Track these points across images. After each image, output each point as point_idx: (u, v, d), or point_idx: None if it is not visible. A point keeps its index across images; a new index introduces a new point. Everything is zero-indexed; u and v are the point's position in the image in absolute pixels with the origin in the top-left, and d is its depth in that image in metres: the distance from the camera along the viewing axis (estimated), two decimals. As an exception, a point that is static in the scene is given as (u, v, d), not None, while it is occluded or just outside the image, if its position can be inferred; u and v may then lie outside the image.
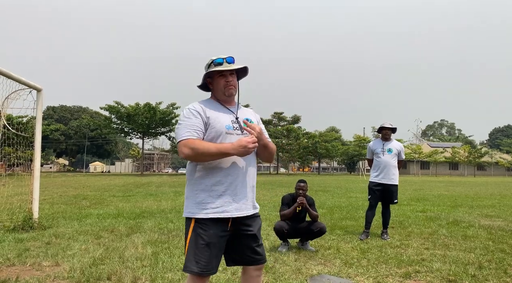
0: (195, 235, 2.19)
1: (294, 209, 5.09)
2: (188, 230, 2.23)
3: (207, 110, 2.28)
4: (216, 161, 2.20)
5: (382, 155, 6.11)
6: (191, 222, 2.22)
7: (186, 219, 2.28)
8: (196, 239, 2.19)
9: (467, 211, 9.66)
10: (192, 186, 2.26)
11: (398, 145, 6.21)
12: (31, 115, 7.24)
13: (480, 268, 4.23)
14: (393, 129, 6.23)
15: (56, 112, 77.03)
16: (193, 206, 2.23)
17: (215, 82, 2.36)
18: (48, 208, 9.60)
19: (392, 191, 6.07)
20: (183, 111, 2.29)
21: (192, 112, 2.26)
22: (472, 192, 17.94)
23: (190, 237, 2.21)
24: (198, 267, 2.15)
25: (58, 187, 19.03)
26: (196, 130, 2.20)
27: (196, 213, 2.20)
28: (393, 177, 6.07)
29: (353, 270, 4.17)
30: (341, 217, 8.36)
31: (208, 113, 2.27)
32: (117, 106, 49.27)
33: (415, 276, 3.99)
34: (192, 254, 2.18)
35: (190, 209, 2.24)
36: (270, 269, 4.14)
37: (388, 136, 6.21)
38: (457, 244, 5.55)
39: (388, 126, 6.18)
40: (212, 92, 2.42)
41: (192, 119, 2.23)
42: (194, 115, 2.24)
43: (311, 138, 63.34)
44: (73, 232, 6.25)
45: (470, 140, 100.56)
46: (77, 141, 71.96)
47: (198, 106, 2.29)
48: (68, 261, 4.42)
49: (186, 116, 2.25)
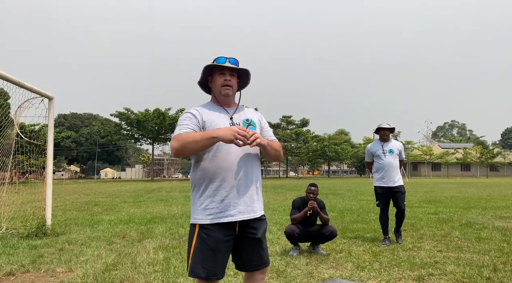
0: (199, 240, 2.19)
1: (305, 213, 5.08)
2: (192, 236, 2.23)
3: (204, 114, 2.28)
4: (217, 166, 2.19)
5: (384, 157, 5.88)
6: (195, 228, 2.23)
7: (191, 225, 2.30)
8: (201, 244, 2.19)
9: (481, 213, 9.52)
10: (195, 192, 2.27)
11: (398, 144, 6.04)
12: (43, 123, 7.38)
13: (495, 271, 4.17)
14: (391, 129, 6.02)
15: (67, 119, 78.04)
16: (197, 212, 2.23)
17: (214, 80, 2.35)
18: (60, 214, 9.71)
19: (400, 193, 5.82)
20: (180, 117, 2.32)
21: (187, 115, 2.28)
22: (485, 193, 17.68)
23: (195, 243, 2.20)
24: (205, 272, 2.15)
25: (70, 194, 19.24)
26: (187, 128, 2.20)
27: (201, 219, 2.20)
28: (398, 178, 5.88)
29: (365, 273, 4.14)
30: (352, 220, 8.30)
31: (205, 116, 2.27)
32: (127, 113, 49.72)
33: (428, 279, 3.95)
34: (199, 259, 2.18)
35: (195, 215, 2.24)
36: (282, 273, 4.13)
37: (387, 136, 6.00)
38: (471, 246, 5.48)
39: (385, 126, 5.97)
40: (212, 92, 2.42)
41: (186, 121, 2.25)
42: (189, 118, 2.26)
43: (320, 141, 63.12)
44: (85, 238, 6.31)
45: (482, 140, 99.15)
46: (88, 148, 72.72)
47: (194, 110, 2.31)
48: (81, 267, 4.47)
49: (181, 119, 2.28)
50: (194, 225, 2.23)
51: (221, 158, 2.20)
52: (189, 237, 2.26)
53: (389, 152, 5.89)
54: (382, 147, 5.95)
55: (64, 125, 75.52)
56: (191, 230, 2.26)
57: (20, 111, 6.86)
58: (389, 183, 5.82)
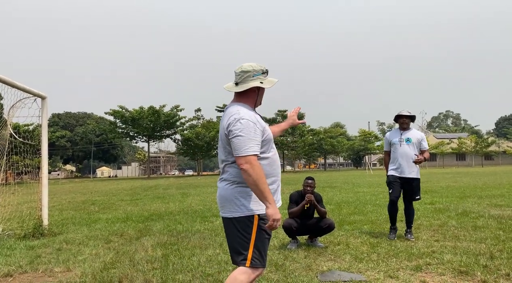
0: (260, 230, 2.30)
1: (302, 206, 5.09)
2: (252, 227, 2.29)
3: (261, 122, 2.40)
4: (276, 163, 2.44)
5: (400, 146, 5.53)
6: (253, 219, 2.29)
7: (243, 218, 2.31)
8: (262, 234, 2.31)
9: (476, 202, 9.59)
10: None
11: (418, 134, 5.63)
12: (37, 123, 7.33)
13: (491, 258, 4.21)
14: (412, 117, 5.63)
15: (61, 119, 77.51)
16: (254, 203, 2.30)
17: (262, 91, 2.51)
18: (57, 214, 9.68)
19: (413, 185, 5.51)
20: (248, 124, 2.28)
21: (255, 128, 2.31)
22: (480, 182, 17.81)
23: (256, 234, 2.29)
24: (265, 261, 2.35)
25: (67, 194, 19.17)
26: (258, 146, 2.31)
27: (259, 210, 2.29)
28: (413, 169, 5.50)
29: (363, 265, 4.16)
30: (349, 212, 8.34)
31: (262, 124, 2.40)
32: (122, 111, 49.48)
33: (426, 268, 3.97)
34: (262, 248, 2.32)
35: (253, 206, 2.30)
36: (280, 267, 4.14)
37: (406, 125, 5.59)
38: (467, 235, 5.52)
39: (406, 114, 5.60)
40: (250, 98, 2.47)
41: (258, 136, 2.30)
42: (258, 131, 2.33)
43: (316, 134, 63.26)
44: (83, 237, 6.29)
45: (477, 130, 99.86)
46: (83, 147, 72.38)
47: (255, 119, 2.35)
48: (80, 266, 4.45)
49: (252, 130, 2.28)
50: (252, 216, 2.29)
51: (276, 157, 2.47)
52: (246, 228, 2.30)
53: (406, 141, 5.53)
54: (400, 136, 5.59)
55: (59, 124, 75.02)
56: (248, 221, 2.30)
57: (13, 111, 6.80)
58: (404, 174, 5.49)
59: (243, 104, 2.41)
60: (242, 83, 2.40)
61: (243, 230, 2.29)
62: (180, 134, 55.28)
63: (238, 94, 2.45)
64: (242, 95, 2.44)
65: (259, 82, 2.39)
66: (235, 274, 2.28)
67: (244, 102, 2.42)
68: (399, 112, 5.67)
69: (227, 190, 2.34)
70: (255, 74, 2.40)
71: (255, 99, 2.47)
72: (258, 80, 2.40)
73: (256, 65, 2.42)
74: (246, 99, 2.44)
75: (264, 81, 2.42)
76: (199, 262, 4.42)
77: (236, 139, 2.23)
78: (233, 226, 2.32)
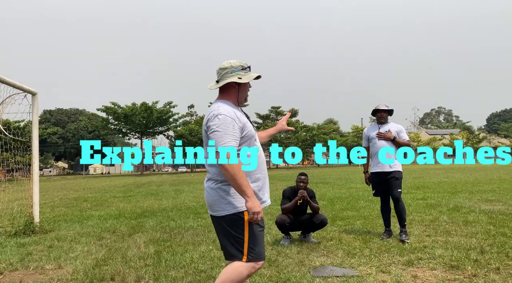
0: (251, 225, 2.33)
1: (295, 202, 5.10)
2: (243, 223, 2.32)
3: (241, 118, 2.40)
4: (261, 161, 2.45)
5: (378, 140, 5.38)
6: (243, 215, 2.33)
7: (232, 215, 2.33)
8: (256, 228, 2.34)
9: (467, 197, 9.69)
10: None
11: (396, 126, 5.47)
12: (27, 120, 7.23)
13: (482, 253, 4.25)
14: (389, 111, 5.53)
15: (53, 115, 76.80)
16: (240, 199, 2.32)
17: (243, 87, 2.50)
18: (49, 211, 9.59)
19: (394, 178, 5.23)
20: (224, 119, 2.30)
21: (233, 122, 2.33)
22: (471, 177, 17.99)
23: (249, 229, 2.33)
24: (264, 252, 2.40)
25: (58, 190, 19.02)
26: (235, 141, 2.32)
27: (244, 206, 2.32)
28: (394, 163, 5.27)
29: (355, 260, 4.18)
30: (342, 208, 8.37)
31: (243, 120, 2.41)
32: (114, 107, 49.16)
33: (418, 263, 4.00)
34: (258, 242, 2.35)
35: (238, 203, 2.33)
36: (273, 263, 4.15)
37: (384, 119, 5.48)
38: (459, 230, 5.57)
39: (383, 108, 5.48)
40: (232, 95, 2.48)
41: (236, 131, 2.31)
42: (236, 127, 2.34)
43: (310, 131, 63.37)
44: (75, 234, 6.25)
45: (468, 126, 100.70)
46: (75, 144, 71.81)
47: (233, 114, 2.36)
48: (71, 263, 4.42)
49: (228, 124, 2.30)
50: (241, 212, 2.32)
51: (261, 154, 2.48)
52: (237, 225, 2.33)
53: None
54: (378, 130, 5.47)
55: (50, 121, 74.33)
56: (238, 218, 2.33)
57: (2, 108, 6.71)
58: (384, 168, 5.30)
59: (225, 101, 2.44)
60: (221, 80, 2.44)
61: (235, 227, 2.32)
62: (173, 130, 55.09)
63: (220, 92, 2.50)
64: (223, 93, 2.48)
65: (237, 78, 2.42)
66: (235, 265, 2.31)
67: (226, 99, 2.46)
68: (377, 106, 5.55)
69: (212, 189, 2.37)
70: (234, 70, 2.43)
71: (236, 96, 2.49)
72: (237, 76, 2.43)
73: (235, 61, 2.45)
74: (228, 96, 2.48)
75: (243, 76, 2.44)
76: (192, 259, 4.42)
77: (213, 134, 2.26)
78: (224, 225, 2.35)
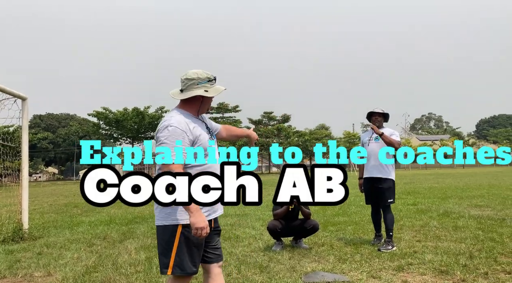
0: (184, 239, 2.28)
1: (287, 208, 5.11)
2: (174, 236, 2.29)
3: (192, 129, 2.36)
4: (200, 168, 2.31)
5: (368, 145, 5.25)
6: (177, 228, 2.29)
7: (165, 227, 2.30)
8: (187, 242, 2.29)
9: (457, 202, 9.79)
10: None
11: (389, 131, 5.26)
12: (17, 125, 7.16)
13: (471, 258, 4.30)
14: (385, 115, 5.35)
15: (43, 120, 76.01)
16: (180, 213, 2.27)
17: (207, 99, 2.45)
18: (38, 218, 9.48)
19: (383, 187, 5.09)
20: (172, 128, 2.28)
21: (180, 133, 2.29)
22: (461, 183, 18.18)
23: (179, 242, 2.28)
24: (192, 267, 2.32)
25: (48, 196, 18.80)
26: (180, 152, 2.28)
27: (184, 219, 2.26)
28: (382, 169, 5.11)
29: (346, 265, 4.20)
30: (334, 213, 8.40)
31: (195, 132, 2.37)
32: (105, 112, 48.84)
33: (408, 268, 4.04)
34: (185, 256, 2.29)
35: (178, 216, 2.28)
36: (265, 269, 4.15)
37: (379, 123, 5.28)
38: (448, 235, 5.63)
39: (378, 111, 5.31)
40: (194, 106, 2.44)
41: (179, 141, 2.26)
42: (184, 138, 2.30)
43: (302, 136, 63.59)
44: (64, 241, 6.18)
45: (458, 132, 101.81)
46: (66, 149, 71.11)
47: (185, 125, 2.33)
48: (61, 270, 4.37)
49: (174, 134, 2.28)
50: (176, 225, 2.29)
51: (212, 166, 2.36)
52: (168, 237, 2.29)
53: (375, 139, 5.27)
54: (371, 135, 5.33)
55: (40, 126, 73.55)
56: (171, 230, 2.29)
57: (-9, 113, 6.64)
58: (373, 174, 5.17)
59: (182, 111, 2.41)
60: (186, 90, 2.39)
61: (167, 238, 2.30)
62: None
63: (182, 101, 2.44)
64: (185, 102, 2.43)
65: (204, 91, 2.38)
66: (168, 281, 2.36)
67: (186, 109, 2.42)
68: (372, 109, 5.40)
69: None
70: (200, 82, 2.39)
71: (198, 107, 2.45)
72: (203, 88, 2.39)
73: (202, 72, 2.41)
74: (189, 107, 2.43)
75: (209, 89, 2.41)
76: (183, 265, 4.39)
77: (160, 147, 2.23)
78: (160, 234, 2.34)
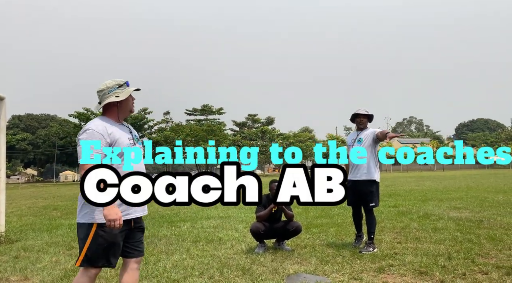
0: (97, 237, 2.45)
1: (270, 210, 5.12)
2: (88, 234, 2.46)
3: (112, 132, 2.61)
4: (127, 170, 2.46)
5: (351, 147, 5.19)
6: (92, 226, 2.46)
7: (82, 224, 2.49)
8: (98, 241, 2.45)
9: (437, 204, 9.98)
10: None
11: (371, 130, 5.19)
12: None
13: (449, 259, 4.39)
14: (369, 117, 5.25)
15: (22, 121, 74.19)
16: (97, 213, 2.44)
17: (124, 103, 2.67)
18: (15, 220, 9.24)
19: (365, 190, 5.05)
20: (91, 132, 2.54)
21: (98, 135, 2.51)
22: (441, 186, 18.56)
23: (92, 240, 2.45)
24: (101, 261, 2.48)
25: (27, 199, 18.34)
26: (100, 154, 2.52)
27: (100, 219, 2.43)
28: (366, 171, 5.05)
29: (328, 267, 4.23)
30: (316, 215, 8.45)
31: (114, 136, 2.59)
32: (87, 113, 48.08)
33: (389, 270, 4.09)
34: (100, 253, 2.46)
35: (95, 215, 2.45)
36: (247, 271, 4.14)
37: (363, 125, 5.20)
38: (428, 236, 5.73)
39: (362, 112, 5.21)
40: (113, 113, 2.65)
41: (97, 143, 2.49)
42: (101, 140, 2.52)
43: (286, 139, 63.87)
44: (43, 244, 6.04)
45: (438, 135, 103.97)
46: (45, 150, 69.54)
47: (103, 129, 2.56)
48: (38, 274, 4.27)
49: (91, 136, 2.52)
50: (91, 224, 2.46)
51: (126, 166, 2.53)
52: (83, 235, 2.49)
53: (357, 141, 5.17)
54: (356, 136, 5.23)
55: (19, 126, 71.78)
56: (86, 228, 2.47)
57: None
58: (355, 177, 5.11)
59: (103, 117, 2.65)
60: (102, 101, 2.64)
61: (83, 235, 2.48)
62: (148, 137, 54.29)
63: (103, 110, 2.67)
64: (105, 111, 2.67)
65: (115, 97, 2.61)
66: (76, 277, 2.55)
67: (107, 116, 2.67)
68: (356, 110, 5.30)
69: (79, 197, 2.48)
70: (110, 90, 2.63)
71: (116, 113, 2.67)
72: (114, 95, 2.62)
73: (110, 81, 2.65)
74: (109, 114, 2.67)
75: (120, 94, 2.62)
76: (165, 268, 4.35)
77: (78, 148, 2.45)
78: (78, 230, 2.53)
